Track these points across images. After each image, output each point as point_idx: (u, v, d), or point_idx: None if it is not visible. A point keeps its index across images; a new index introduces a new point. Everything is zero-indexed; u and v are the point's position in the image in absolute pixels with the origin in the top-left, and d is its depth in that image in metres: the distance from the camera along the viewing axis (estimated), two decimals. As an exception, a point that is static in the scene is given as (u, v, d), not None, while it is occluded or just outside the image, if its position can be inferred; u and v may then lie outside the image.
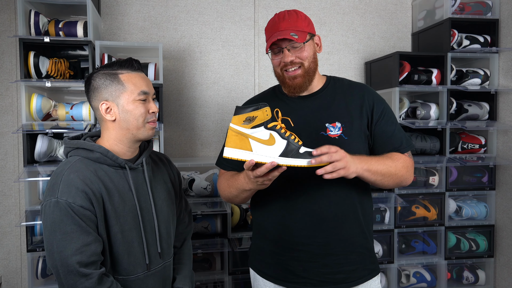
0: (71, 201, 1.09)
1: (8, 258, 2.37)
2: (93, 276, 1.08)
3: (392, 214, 2.40)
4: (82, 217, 1.10)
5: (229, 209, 2.19)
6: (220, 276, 2.25)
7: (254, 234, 1.45)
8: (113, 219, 1.16)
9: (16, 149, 2.35)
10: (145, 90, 1.21)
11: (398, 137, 1.32)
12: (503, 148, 2.46)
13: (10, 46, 2.33)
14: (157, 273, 1.26)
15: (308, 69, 1.29)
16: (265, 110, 1.09)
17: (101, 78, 1.20)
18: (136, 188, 1.23)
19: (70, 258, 1.07)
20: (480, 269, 2.56)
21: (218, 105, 2.59)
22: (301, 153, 1.07)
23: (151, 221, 1.25)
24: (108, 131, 1.23)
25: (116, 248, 1.18)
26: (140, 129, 1.21)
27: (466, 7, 2.50)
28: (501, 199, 2.49)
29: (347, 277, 1.29)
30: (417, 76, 2.40)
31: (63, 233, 1.09)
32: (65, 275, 1.08)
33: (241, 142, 1.09)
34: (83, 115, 2.08)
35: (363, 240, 1.32)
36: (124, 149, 1.24)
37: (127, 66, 1.22)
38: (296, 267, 1.30)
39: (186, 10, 2.55)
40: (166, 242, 1.30)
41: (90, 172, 1.15)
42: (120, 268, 1.19)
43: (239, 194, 1.29)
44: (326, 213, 1.27)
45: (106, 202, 1.15)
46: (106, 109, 1.20)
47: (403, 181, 1.30)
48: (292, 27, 1.25)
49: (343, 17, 2.74)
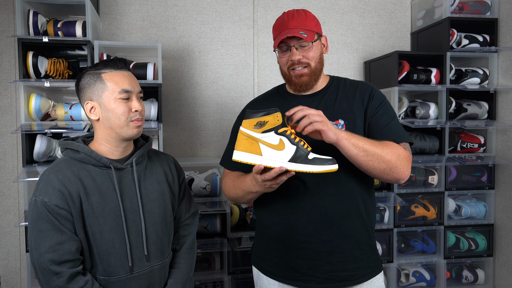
0: (46, 200, 1.12)
1: (7, 258, 2.36)
2: (64, 275, 1.10)
3: (391, 214, 2.41)
4: (56, 216, 1.12)
5: (228, 208, 2.19)
6: (219, 276, 2.25)
7: (257, 232, 1.45)
8: (91, 219, 1.16)
9: (15, 149, 2.35)
10: (126, 89, 1.19)
11: (393, 129, 1.28)
12: (502, 147, 2.46)
13: (8, 46, 2.33)
14: (142, 276, 1.23)
15: (315, 69, 1.30)
16: (276, 116, 1.09)
17: (86, 78, 1.22)
18: (121, 188, 1.22)
19: (43, 255, 1.10)
20: (479, 268, 2.57)
21: (217, 104, 2.59)
22: (310, 159, 1.08)
23: (137, 222, 1.23)
24: (96, 131, 1.24)
25: (95, 248, 1.17)
26: (123, 128, 1.20)
27: (465, 6, 2.50)
28: (500, 198, 2.49)
29: (351, 275, 1.29)
30: (416, 76, 2.41)
31: (38, 231, 1.12)
32: (40, 272, 1.11)
33: (251, 146, 1.10)
34: (82, 115, 2.08)
35: (367, 238, 1.32)
36: (111, 149, 1.23)
37: (111, 65, 1.21)
38: (301, 265, 1.30)
39: (185, 9, 2.55)
40: (155, 245, 1.26)
41: (71, 172, 1.17)
42: (100, 268, 1.19)
43: (245, 196, 1.29)
44: (330, 211, 1.27)
45: (84, 202, 1.16)
46: (90, 109, 1.21)
47: (393, 168, 1.19)
48: (301, 26, 1.26)
49: (342, 16, 2.74)
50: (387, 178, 1.23)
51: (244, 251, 2.24)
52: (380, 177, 1.23)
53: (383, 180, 1.26)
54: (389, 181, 1.26)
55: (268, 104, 1.38)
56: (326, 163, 1.07)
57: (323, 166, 1.07)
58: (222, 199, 2.24)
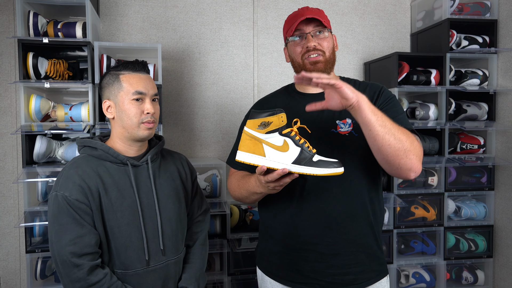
0: (67, 195, 1.16)
1: (7, 259, 2.36)
2: (84, 267, 1.13)
3: (391, 215, 2.40)
4: (77, 210, 1.16)
5: (228, 209, 2.19)
6: (219, 277, 2.25)
7: (261, 234, 1.44)
8: (110, 213, 1.20)
9: (15, 150, 2.35)
10: (140, 90, 1.23)
11: (402, 121, 1.19)
12: (502, 148, 2.46)
13: (9, 47, 2.33)
14: (158, 270, 1.27)
15: (329, 59, 1.30)
16: (280, 116, 1.07)
17: (107, 78, 1.28)
18: (137, 184, 1.26)
19: (64, 248, 1.13)
20: (479, 269, 2.57)
21: (217, 105, 2.59)
22: (314, 162, 1.05)
23: (153, 217, 1.27)
24: (112, 129, 1.30)
25: (113, 242, 1.21)
26: (135, 129, 1.24)
27: (465, 7, 2.50)
28: (500, 199, 2.49)
29: (355, 278, 1.26)
30: (416, 77, 2.41)
31: (59, 224, 1.15)
32: (61, 264, 1.14)
33: (254, 146, 1.08)
34: (82, 116, 2.08)
35: (373, 241, 1.29)
36: (125, 147, 1.28)
37: (130, 67, 1.26)
38: (304, 267, 1.27)
39: (185, 11, 2.55)
40: (170, 240, 1.30)
41: (90, 168, 1.21)
42: (118, 262, 1.22)
43: (249, 196, 1.28)
44: (335, 213, 1.24)
45: (102, 197, 1.20)
46: (107, 108, 1.27)
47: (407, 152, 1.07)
48: (317, 15, 1.27)
49: (342, 17, 2.74)
50: (399, 165, 1.09)
51: (244, 252, 2.24)
52: (393, 162, 1.09)
53: (393, 170, 1.13)
54: (399, 172, 1.12)
55: (275, 102, 1.38)
56: (331, 165, 1.04)
57: (328, 169, 1.04)
58: (222, 200, 2.24)
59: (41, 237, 2.14)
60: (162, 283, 1.29)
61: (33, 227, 2.07)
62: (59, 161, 2.11)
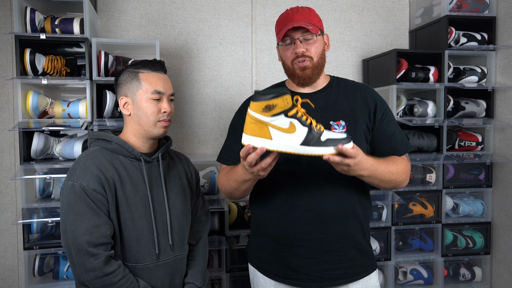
0: (85, 184, 1.17)
1: (5, 256, 2.36)
2: (101, 257, 1.14)
3: (389, 212, 2.41)
4: (94, 200, 1.17)
5: (226, 206, 2.19)
6: (217, 273, 2.25)
7: (253, 230, 1.45)
8: (124, 206, 1.23)
9: (12, 146, 2.34)
10: (159, 90, 1.27)
11: (398, 138, 1.34)
12: (500, 145, 2.47)
13: (6, 43, 2.31)
14: (167, 265, 1.30)
15: (317, 64, 1.32)
16: (285, 98, 1.02)
17: (125, 75, 1.30)
18: (149, 179, 1.30)
19: (80, 237, 1.14)
20: (476, 266, 2.58)
21: (216, 102, 2.59)
22: (323, 141, 1.02)
23: (163, 212, 1.31)
24: (126, 125, 1.32)
25: (126, 234, 1.23)
26: (151, 126, 1.28)
27: (463, 4, 2.50)
28: (498, 196, 2.49)
29: (345, 273, 1.30)
30: (415, 74, 2.41)
31: (76, 214, 1.16)
32: (76, 254, 1.16)
33: (260, 130, 1.04)
34: (80, 112, 2.07)
35: (362, 237, 1.34)
36: (139, 143, 1.31)
37: (149, 66, 1.30)
38: (296, 263, 1.30)
39: (183, 7, 2.54)
40: (178, 235, 1.34)
41: (106, 160, 1.24)
42: (129, 255, 1.24)
43: (239, 186, 1.27)
44: (327, 210, 1.27)
45: (118, 189, 1.22)
46: (124, 104, 1.30)
47: (397, 186, 1.31)
48: (306, 20, 1.28)
49: (340, 14, 2.74)
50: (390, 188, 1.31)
51: (242, 249, 2.24)
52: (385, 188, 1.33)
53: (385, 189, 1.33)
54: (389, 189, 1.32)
55: None
56: (340, 143, 1.02)
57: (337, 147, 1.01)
58: (220, 197, 2.24)
59: (38, 234, 2.14)
60: (170, 277, 1.32)
61: (30, 224, 2.07)
62: (57, 158, 2.10)
